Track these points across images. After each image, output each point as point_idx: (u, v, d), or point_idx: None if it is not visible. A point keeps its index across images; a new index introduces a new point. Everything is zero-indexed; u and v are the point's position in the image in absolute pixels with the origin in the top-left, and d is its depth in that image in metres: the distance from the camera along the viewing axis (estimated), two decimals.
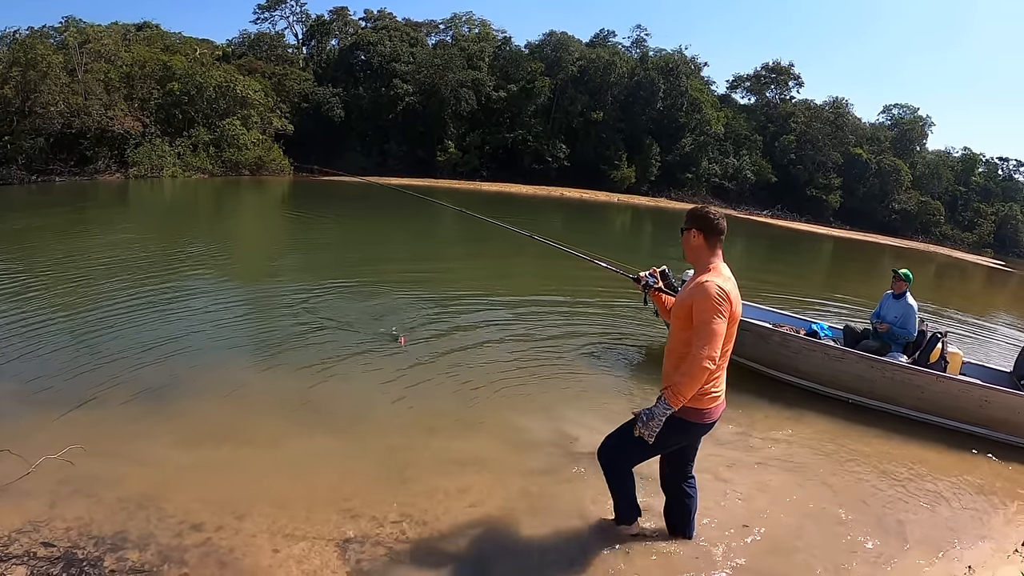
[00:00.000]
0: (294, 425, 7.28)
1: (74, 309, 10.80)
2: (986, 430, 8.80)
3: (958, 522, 6.34)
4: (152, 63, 44.81)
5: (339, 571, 4.85)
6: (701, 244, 4.63)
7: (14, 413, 6.94)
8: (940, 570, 5.43)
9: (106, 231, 20.56)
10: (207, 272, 14.99)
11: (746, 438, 7.74)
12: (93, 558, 4.86)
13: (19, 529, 5.05)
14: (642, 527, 5.34)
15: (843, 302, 19.18)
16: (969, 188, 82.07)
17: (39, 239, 17.90)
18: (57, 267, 13.71)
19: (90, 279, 12.89)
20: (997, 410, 8.74)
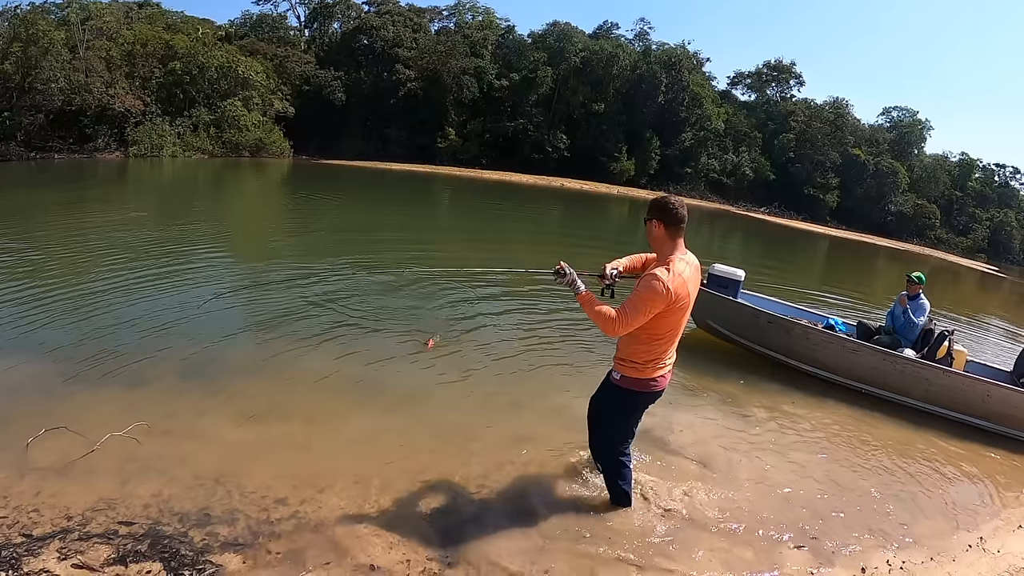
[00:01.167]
0: (351, 403, 7.51)
1: (100, 289, 10.70)
2: (988, 423, 9.61)
3: (969, 501, 7.24)
4: (154, 42, 44.46)
5: (431, 539, 5.16)
6: (662, 234, 4.96)
7: (63, 392, 6.93)
8: (956, 539, 6.28)
9: (116, 210, 20.45)
10: (227, 252, 15.00)
11: (776, 422, 8.52)
12: (180, 534, 4.91)
13: (93, 507, 5.07)
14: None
15: (836, 297, 20.03)
16: (965, 193, 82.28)
17: (46, 216, 17.77)
18: (75, 245, 13.59)
19: (113, 258, 12.80)
20: (998, 404, 9.55)
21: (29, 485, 5.23)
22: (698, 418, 8.09)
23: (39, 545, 4.60)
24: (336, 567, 4.76)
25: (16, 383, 7.02)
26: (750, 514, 5.99)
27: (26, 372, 7.29)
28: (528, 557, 5.07)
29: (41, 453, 5.65)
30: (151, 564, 4.57)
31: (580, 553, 5.18)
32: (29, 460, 5.55)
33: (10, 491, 5.14)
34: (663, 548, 5.33)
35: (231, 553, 4.78)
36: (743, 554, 5.40)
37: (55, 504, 5.05)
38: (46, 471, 5.43)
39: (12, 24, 39.17)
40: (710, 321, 11.71)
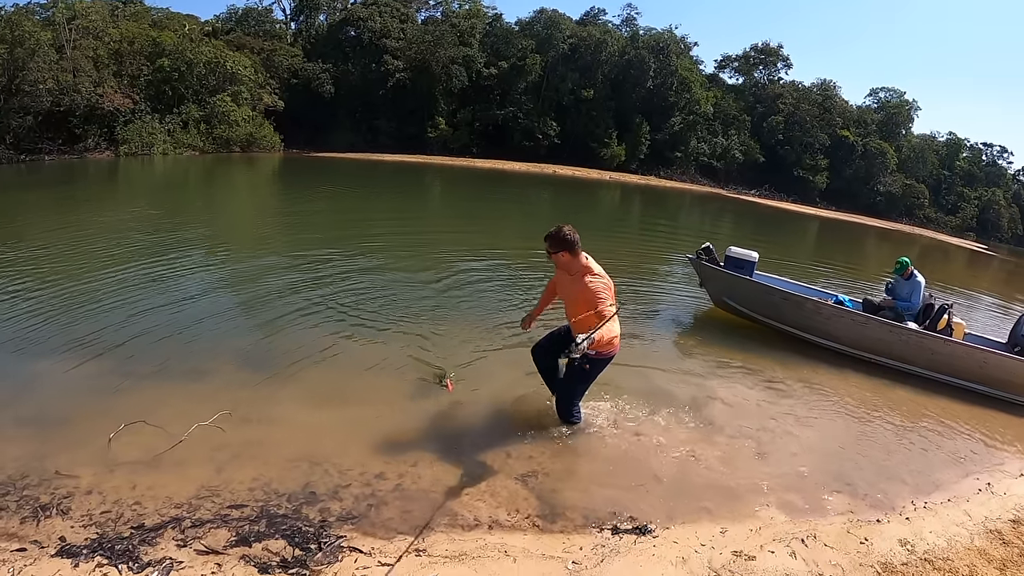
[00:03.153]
0: (412, 383, 7.77)
1: (126, 287, 10.74)
2: (986, 388, 10.63)
3: (974, 454, 8.25)
4: (141, 39, 43.94)
5: (529, 499, 5.64)
6: (569, 258, 6.34)
7: (127, 388, 7.01)
8: (967, 484, 7.28)
9: (120, 208, 20.52)
10: (245, 247, 15.06)
11: (801, 388, 9.47)
12: (293, 512, 5.09)
13: (196, 495, 5.18)
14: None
15: (829, 272, 21.05)
16: (953, 172, 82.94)
17: (48, 216, 17.82)
18: (85, 246, 13.52)
19: (132, 256, 12.82)
20: (994, 370, 10.57)
21: (122, 479, 5.31)
22: (732, 388, 8.97)
23: (152, 535, 4.68)
24: (455, 526, 5.13)
25: (77, 383, 7.08)
26: (791, 466, 6.91)
27: (83, 372, 7.35)
28: (618, 505, 5.71)
29: (124, 448, 5.73)
30: (274, 542, 4.71)
31: (691, 501, 5.96)
32: (114, 455, 5.63)
33: (103, 487, 5.21)
34: (733, 494, 6.19)
35: (349, 525, 5.01)
36: (792, 498, 6.25)
37: (155, 495, 5.13)
38: (135, 464, 5.52)
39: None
40: (727, 299, 12.42)
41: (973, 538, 6.01)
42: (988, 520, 6.40)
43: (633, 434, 6.98)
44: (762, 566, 5.06)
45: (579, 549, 5.02)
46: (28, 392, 6.82)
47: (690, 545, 5.22)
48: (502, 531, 5.13)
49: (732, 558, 5.11)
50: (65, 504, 4.98)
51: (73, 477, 5.29)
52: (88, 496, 5.10)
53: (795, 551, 5.31)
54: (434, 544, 4.88)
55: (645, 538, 5.25)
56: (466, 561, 4.70)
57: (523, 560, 4.79)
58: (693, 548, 5.19)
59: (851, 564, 5.26)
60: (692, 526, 5.53)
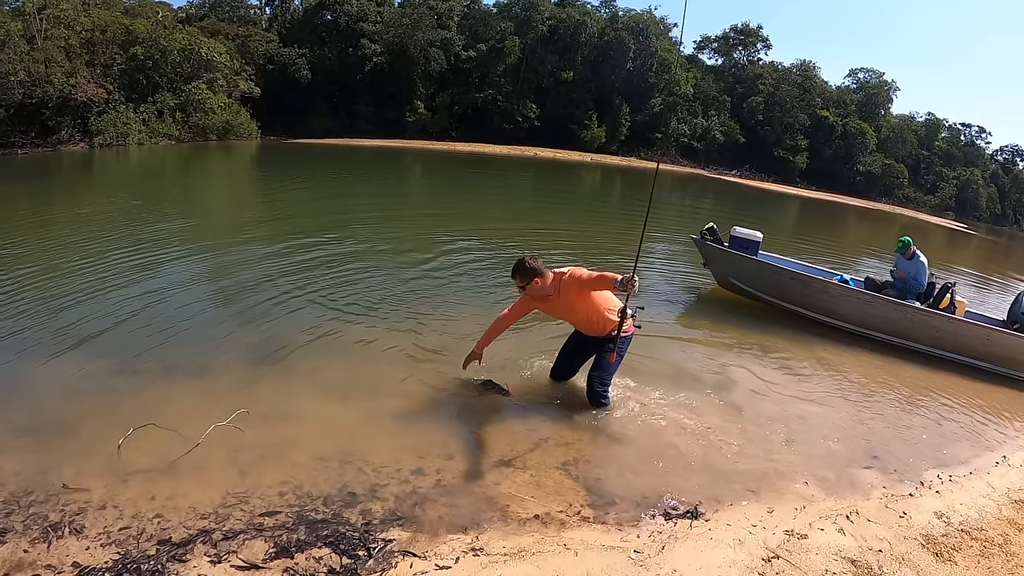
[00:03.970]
0: (429, 371, 7.52)
1: (117, 282, 10.31)
2: (990, 364, 10.82)
3: (987, 429, 8.46)
4: (114, 27, 42.78)
5: (575, 488, 5.53)
6: (543, 283, 6.43)
7: (131, 388, 6.63)
8: (984, 458, 7.46)
9: (102, 200, 20.01)
10: (233, 238, 14.54)
11: (815, 368, 9.63)
12: (333, 516, 4.81)
13: (223, 503, 4.85)
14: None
15: (811, 252, 20.71)
16: (932, 152, 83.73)
17: (22, 210, 17.55)
18: (75, 239, 13.16)
19: (119, 250, 12.32)
20: (997, 347, 10.78)
21: (138, 490, 4.94)
22: (752, 368, 9.07)
23: (182, 551, 4.34)
24: (507, 521, 4.96)
25: (76, 386, 6.67)
26: (820, 445, 7.03)
27: (81, 374, 6.93)
28: (663, 490, 5.65)
29: (136, 455, 5.36)
30: (319, 551, 4.44)
31: (732, 483, 5.96)
32: (125, 464, 5.26)
33: (119, 499, 4.84)
34: (771, 474, 6.25)
35: (395, 527, 4.76)
36: (828, 476, 6.36)
37: (178, 506, 4.79)
38: (150, 472, 5.17)
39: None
40: (732, 279, 12.49)
41: (1001, 509, 6.22)
42: (1011, 491, 6.64)
43: (663, 418, 6.93)
44: (815, 544, 5.10)
45: (637, 537, 4.94)
46: (23, 399, 6.39)
47: (743, 526, 5.23)
48: (556, 524, 4.99)
49: (785, 537, 5.14)
50: (78, 522, 4.57)
51: (83, 490, 4.88)
52: (102, 511, 4.70)
53: (843, 528, 5.40)
54: (490, 542, 4.69)
55: (698, 522, 5.22)
56: (527, 558, 4.52)
57: (584, 553, 4.65)
58: (747, 529, 5.19)
59: (896, 537, 5.38)
60: (739, 508, 5.53)
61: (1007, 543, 5.53)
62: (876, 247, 28.07)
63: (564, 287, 6.40)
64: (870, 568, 4.86)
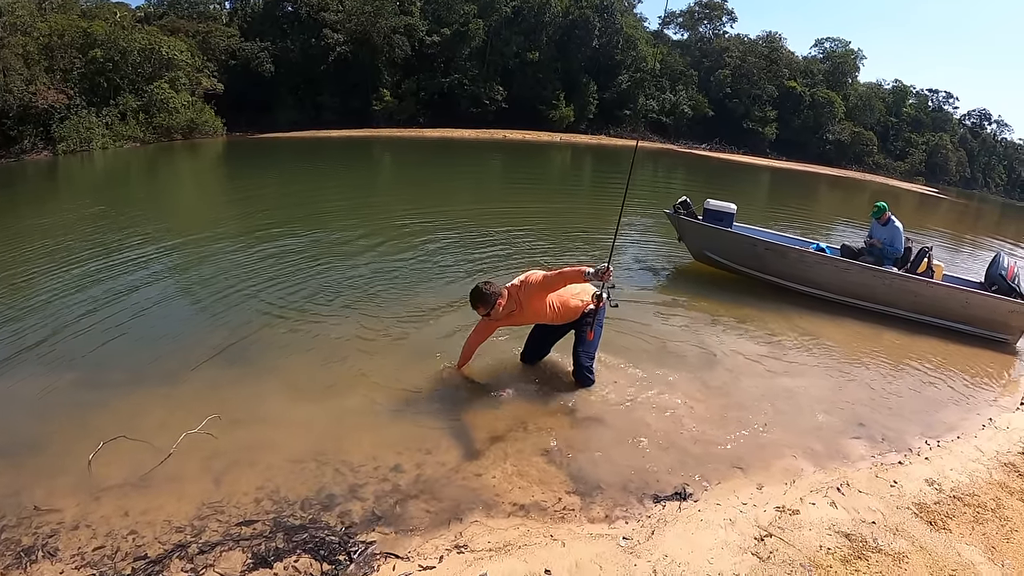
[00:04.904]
0: (400, 364, 7.40)
1: (76, 290, 10.14)
2: (969, 327, 10.92)
3: (970, 391, 8.59)
4: (71, 31, 41.89)
5: (559, 476, 5.46)
6: (505, 301, 6.29)
7: (98, 400, 6.45)
8: (971, 421, 7.58)
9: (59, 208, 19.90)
10: (196, 238, 14.31)
11: (797, 338, 9.67)
12: (310, 521, 4.71)
13: (198, 515, 4.72)
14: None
15: (784, 220, 21.37)
16: (900, 119, 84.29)
17: None
18: (37, 248, 12.92)
19: (80, 258, 12.14)
20: (976, 309, 10.88)
21: (111, 506, 4.81)
22: (732, 342, 9.11)
23: (157, 568, 4.24)
24: (491, 514, 4.89)
25: (41, 401, 6.50)
26: (806, 417, 7.04)
27: (45, 388, 6.75)
28: (650, 472, 5.63)
29: (108, 469, 5.23)
30: (298, 559, 4.35)
31: (719, 460, 5.94)
32: (98, 479, 5.12)
33: (91, 517, 4.71)
34: (759, 449, 6.25)
35: (376, 528, 4.68)
36: (816, 448, 6.39)
37: (152, 520, 4.67)
38: (123, 487, 5.03)
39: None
40: (708, 252, 12.48)
41: (991, 472, 6.28)
42: (1000, 454, 6.69)
43: (645, 397, 6.91)
44: (808, 519, 5.09)
45: (625, 523, 4.89)
46: None
47: (733, 505, 5.19)
48: (542, 514, 4.93)
49: (777, 514, 5.12)
50: (51, 544, 4.45)
51: (55, 511, 4.76)
52: (75, 532, 4.58)
53: (834, 500, 5.40)
54: (474, 538, 4.61)
55: (687, 503, 5.19)
56: (513, 552, 4.45)
57: (572, 543, 4.59)
58: (737, 508, 5.15)
59: (889, 508, 5.38)
60: (728, 486, 5.51)
61: (1000, 507, 5.58)
62: (849, 215, 28.15)
63: (525, 298, 6.36)
64: (864, 541, 4.86)
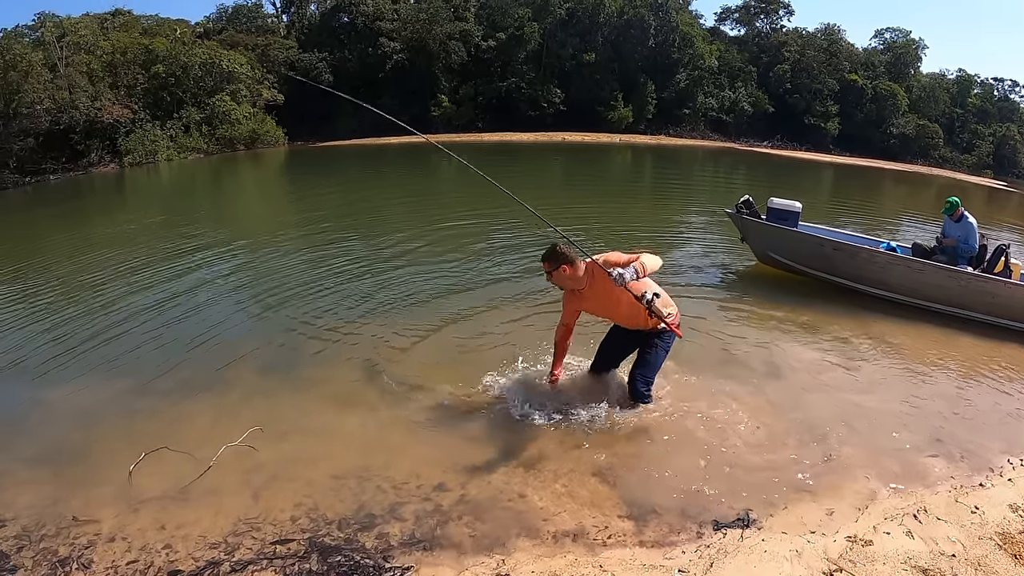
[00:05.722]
0: (447, 375, 7.12)
1: (129, 300, 10.37)
2: None
3: None
4: (134, 48, 43.27)
5: (612, 498, 5.11)
6: (572, 271, 5.84)
7: (145, 410, 6.48)
8: None
9: (121, 221, 20.08)
10: (250, 248, 14.47)
11: (866, 345, 9.02)
12: (347, 541, 4.52)
13: (234, 531, 4.61)
14: None
15: (849, 217, 20.87)
16: (966, 110, 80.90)
17: (50, 234, 17.75)
18: (89, 261, 13.20)
19: (134, 268, 12.39)
20: None
21: (148, 519, 4.76)
22: (801, 350, 8.59)
23: None
24: (537, 540, 4.61)
25: (88, 409, 6.55)
26: (879, 432, 6.46)
27: (94, 396, 6.83)
28: (710, 495, 5.22)
29: (148, 480, 5.19)
30: None
31: (786, 482, 5.47)
32: (137, 490, 5.09)
33: (128, 529, 4.65)
34: (828, 468, 5.73)
35: (416, 551, 4.46)
36: (890, 467, 5.84)
37: (187, 535, 4.59)
38: (162, 499, 4.98)
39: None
40: (772, 253, 11.93)
41: None
42: None
43: (704, 411, 6.46)
44: (882, 551, 4.62)
45: (682, 553, 4.53)
46: (35, 425, 6.36)
47: (800, 535, 4.77)
48: (591, 541, 4.61)
49: (848, 545, 4.67)
50: (86, 556, 4.43)
51: (93, 522, 4.76)
52: (111, 544, 4.55)
53: (911, 529, 4.91)
54: (518, 566, 4.33)
55: (750, 531, 4.78)
56: None
57: (623, 575, 4.27)
58: (804, 538, 4.72)
59: (969, 538, 4.87)
60: (795, 511, 5.07)
61: None
62: (916, 210, 27.09)
63: (599, 275, 5.85)
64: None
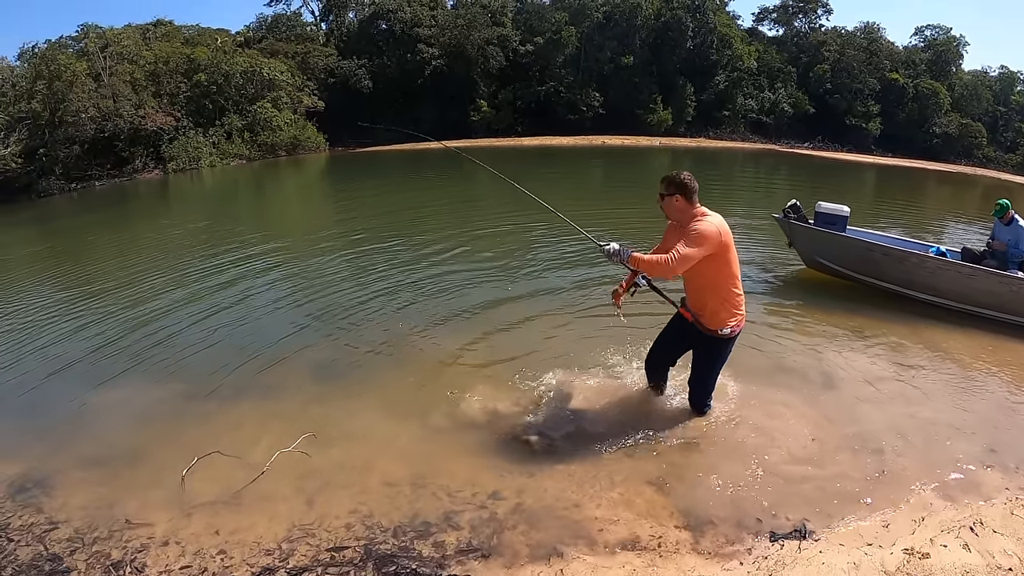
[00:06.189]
0: (504, 379, 7.08)
1: (178, 304, 10.52)
2: None
3: None
4: (176, 57, 44.24)
5: (668, 507, 5.00)
6: (683, 205, 5.49)
7: (196, 414, 6.53)
8: None
9: (168, 225, 20.25)
10: (298, 253, 14.53)
11: (918, 353, 8.72)
12: (403, 549, 4.47)
13: (287, 537, 4.58)
14: None
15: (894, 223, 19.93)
16: (1009, 108, 78.83)
17: (96, 239, 18.08)
18: (138, 266, 13.48)
19: (183, 272, 12.62)
20: None
21: (201, 524, 4.76)
22: (853, 358, 8.35)
23: None
24: (594, 550, 4.52)
25: (142, 411, 6.64)
26: (935, 442, 6.23)
27: (148, 398, 6.93)
28: (766, 505, 5.08)
29: (201, 484, 5.21)
30: None
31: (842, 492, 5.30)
32: (190, 495, 5.11)
33: (182, 534, 4.65)
34: (884, 478, 5.55)
35: (473, 560, 4.40)
36: (946, 478, 5.64)
37: (241, 541, 4.57)
38: (215, 504, 4.98)
39: (33, 64, 39.28)
40: (820, 258, 11.73)
41: None
42: None
43: (758, 420, 6.30)
44: (939, 564, 4.48)
45: (740, 564, 4.42)
46: (90, 426, 6.42)
47: (857, 547, 4.62)
48: (648, 551, 4.50)
49: (905, 558, 4.52)
50: (139, 559, 4.43)
51: (146, 525, 4.78)
52: (164, 548, 4.55)
53: (967, 542, 4.73)
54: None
55: (808, 543, 4.65)
56: None
57: None
58: (862, 550, 4.58)
59: None
60: (852, 523, 4.93)
61: None
62: (961, 211, 26.54)
63: (692, 219, 5.45)
64: None
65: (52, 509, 5.04)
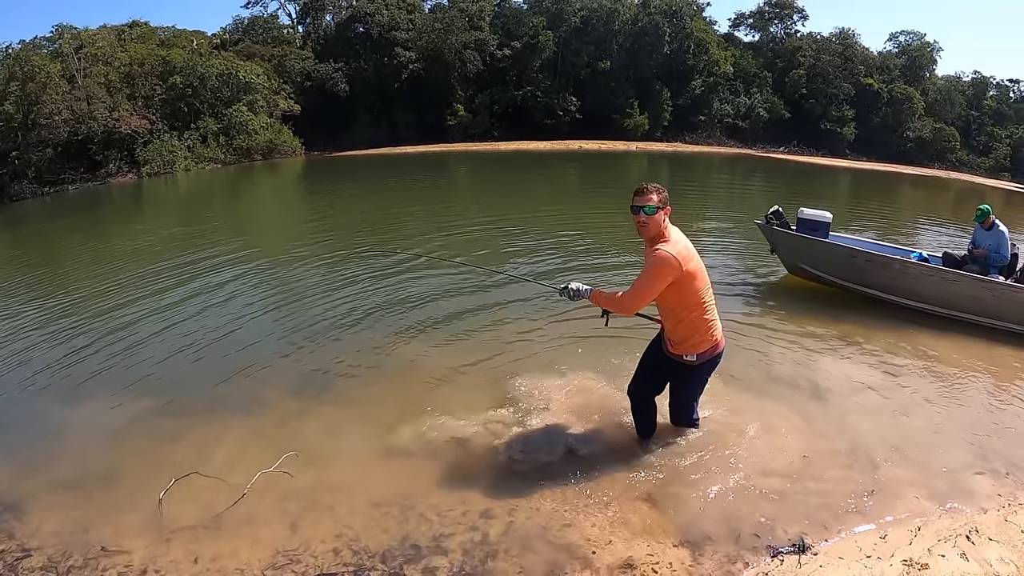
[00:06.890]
0: (493, 392, 6.99)
1: (150, 316, 10.27)
2: None
3: None
4: (151, 59, 43.95)
5: (664, 524, 4.91)
6: (653, 222, 5.00)
7: (172, 431, 6.29)
8: None
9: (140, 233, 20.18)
10: (274, 260, 14.37)
11: (904, 358, 8.71)
12: (392, 575, 4.30)
13: (272, 564, 4.41)
14: None
15: (867, 224, 20.42)
16: (982, 112, 79.94)
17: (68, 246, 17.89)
18: (106, 276, 13.24)
19: (153, 282, 12.40)
20: None
21: (180, 550, 4.56)
22: (840, 365, 8.35)
23: None
24: (589, 574, 4.37)
25: (116, 430, 6.41)
26: (926, 450, 6.20)
27: (122, 416, 6.70)
28: (763, 520, 5.02)
29: (179, 507, 5.00)
30: None
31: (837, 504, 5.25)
32: (168, 519, 4.90)
33: (160, 562, 4.46)
34: (878, 489, 5.49)
35: None
36: (939, 487, 5.61)
37: (223, 568, 4.39)
38: (194, 529, 4.78)
39: (6, 64, 39.06)
40: (803, 264, 11.72)
41: None
42: None
43: (752, 434, 6.18)
44: (938, 574, 4.45)
45: None
46: (62, 445, 6.18)
47: (856, 559, 4.58)
48: (647, 572, 4.40)
49: (905, 569, 4.49)
50: None
51: (123, 552, 4.57)
52: None
53: (964, 551, 4.70)
54: None
55: (807, 557, 4.59)
56: None
57: None
58: (861, 563, 4.54)
59: (1022, 559, 4.68)
60: (849, 535, 4.89)
61: None
62: (935, 215, 26.75)
63: (654, 241, 5.09)
64: None
65: (24, 535, 4.84)
